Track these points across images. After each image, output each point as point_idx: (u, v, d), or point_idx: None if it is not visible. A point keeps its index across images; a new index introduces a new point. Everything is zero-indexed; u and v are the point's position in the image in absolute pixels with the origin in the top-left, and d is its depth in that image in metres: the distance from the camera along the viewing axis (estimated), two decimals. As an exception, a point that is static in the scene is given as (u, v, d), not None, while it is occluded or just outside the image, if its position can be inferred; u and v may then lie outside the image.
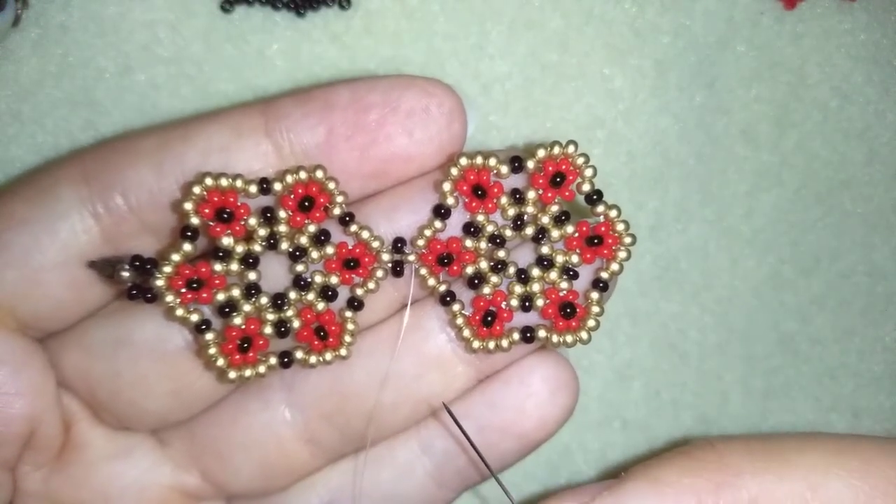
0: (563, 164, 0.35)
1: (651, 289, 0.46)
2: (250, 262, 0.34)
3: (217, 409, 0.38)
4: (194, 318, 0.34)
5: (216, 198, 0.33)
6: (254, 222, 0.34)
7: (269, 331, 0.35)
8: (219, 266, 0.34)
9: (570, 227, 0.35)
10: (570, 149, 0.34)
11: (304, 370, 0.36)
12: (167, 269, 0.33)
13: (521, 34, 0.43)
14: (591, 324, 0.36)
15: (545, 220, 0.35)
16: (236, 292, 0.34)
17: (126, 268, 0.33)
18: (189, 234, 0.33)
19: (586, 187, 0.35)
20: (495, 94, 0.43)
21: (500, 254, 0.35)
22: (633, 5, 0.43)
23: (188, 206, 0.33)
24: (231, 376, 0.35)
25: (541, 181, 0.35)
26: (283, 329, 0.35)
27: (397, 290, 0.36)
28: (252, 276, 0.34)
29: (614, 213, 0.35)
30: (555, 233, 0.35)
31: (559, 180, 0.35)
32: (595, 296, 0.36)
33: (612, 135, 0.44)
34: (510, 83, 0.43)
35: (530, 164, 0.34)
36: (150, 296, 0.34)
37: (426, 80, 0.34)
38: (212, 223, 0.33)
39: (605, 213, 0.35)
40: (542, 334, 0.36)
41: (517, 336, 0.36)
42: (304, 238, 0.34)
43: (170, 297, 0.34)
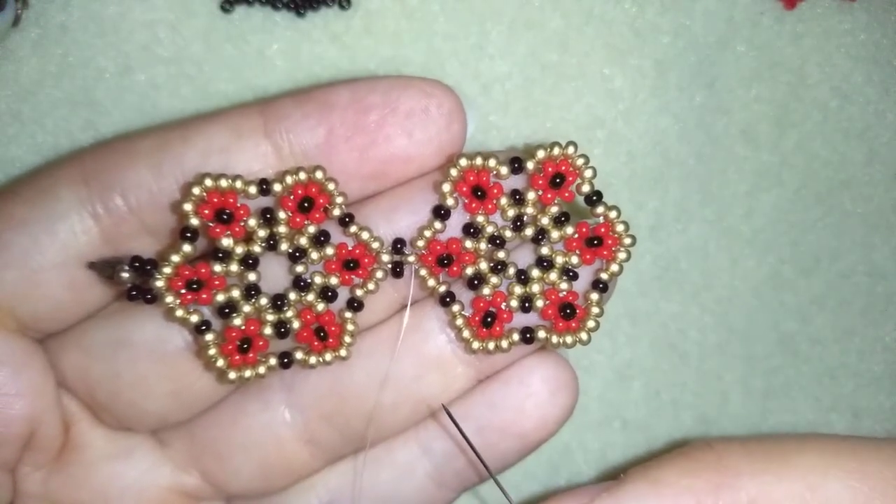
0: (563, 165, 0.35)
1: (651, 289, 0.46)
2: (250, 262, 0.34)
3: (217, 409, 0.38)
4: (194, 318, 0.34)
5: (216, 199, 0.33)
6: (253, 223, 0.34)
7: (268, 331, 0.35)
8: (218, 267, 0.34)
9: (569, 228, 0.35)
10: (570, 150, 0.34)
11: (303, 371, 0.36)
12: (167, 270, 0.33)
13: (521, 34, 0.43)
14: (591, 324, 0.36)
15: (545, 220, 0.35)
16: (236, 293, 0.34)
17: (126, 269, 0.33)
18: (189, 234, 0.33)
19: (586, 188, 0.35)
20: (495, 94, 0.43)
21: (500, 255, 0.35)
22: (633, 5, 0.43)
23: (188, 206, 0.33)
24: (231, 377, 0.35)
25: (540, 182, 0.35)
26: (282, 330, 0.35)
27: (397, 290, 0.36)
28: (252, 276, 0.34)
29: (614, 213, 0.35)
30: (554, 234, 0.35)
31: (559, 181, 0.35)
32: (595, 297, 0.36)
33: (612, 135, 0.44)
34: (510, 83, 0.43)
35: (530, 164, 0.34)
36: (149, 297, 0.34)
37: (426, 80, 0.34)
38: (211, 224, 0.33)
39: (604, 213, 0.35)
40: (541, 335, 0.36)
41: (517, 337, 0.36)
42: (303, 239, 0.34)
43: (169, 298, 0.34)
